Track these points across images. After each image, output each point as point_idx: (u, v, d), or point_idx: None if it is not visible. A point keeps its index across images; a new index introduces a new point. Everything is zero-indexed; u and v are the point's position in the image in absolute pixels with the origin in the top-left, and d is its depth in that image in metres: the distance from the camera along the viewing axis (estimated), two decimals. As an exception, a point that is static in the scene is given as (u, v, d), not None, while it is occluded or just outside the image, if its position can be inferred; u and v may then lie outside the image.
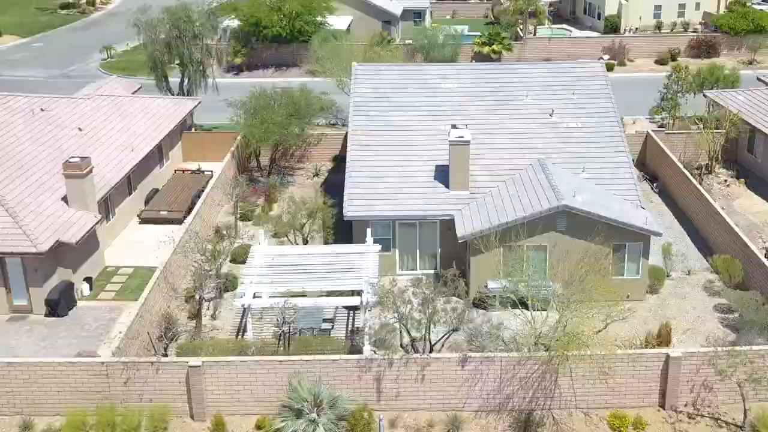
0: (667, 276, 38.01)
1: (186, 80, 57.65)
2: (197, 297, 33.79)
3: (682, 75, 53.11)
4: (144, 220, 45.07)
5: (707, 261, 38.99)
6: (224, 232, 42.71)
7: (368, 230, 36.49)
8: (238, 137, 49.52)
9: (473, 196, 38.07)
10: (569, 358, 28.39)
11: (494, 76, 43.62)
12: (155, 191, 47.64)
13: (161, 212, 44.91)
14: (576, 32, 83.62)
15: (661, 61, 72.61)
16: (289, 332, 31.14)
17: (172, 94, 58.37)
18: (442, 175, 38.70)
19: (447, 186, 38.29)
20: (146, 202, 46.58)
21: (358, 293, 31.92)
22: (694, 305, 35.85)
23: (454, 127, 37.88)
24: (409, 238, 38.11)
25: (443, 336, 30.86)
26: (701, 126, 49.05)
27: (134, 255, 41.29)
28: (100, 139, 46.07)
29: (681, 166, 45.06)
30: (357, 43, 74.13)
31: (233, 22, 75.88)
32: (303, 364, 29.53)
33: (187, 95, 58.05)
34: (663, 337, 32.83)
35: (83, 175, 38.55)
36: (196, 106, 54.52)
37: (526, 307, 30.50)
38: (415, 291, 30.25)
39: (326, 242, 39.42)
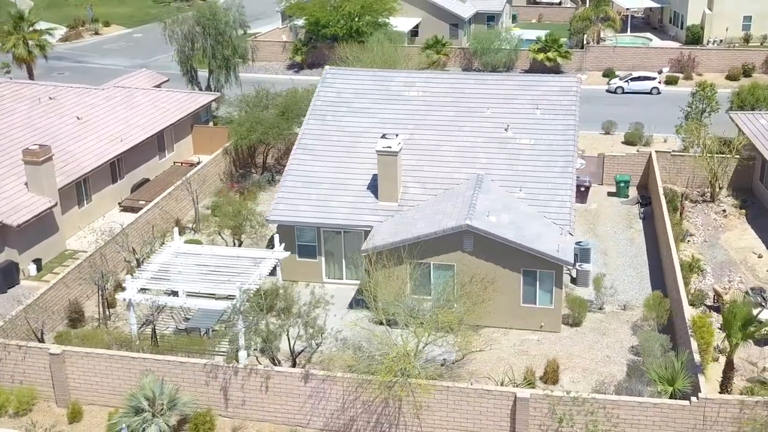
0: (600, 309, 35.32)
1: (211, 75, 59.23)
2: (98, 287, 34.77)
3: (707, 93, 48.80)
4: (125, 208, 46.85)
5: (652, 297, 35.87)
6: (189, 226, 43.77)
7: (276, 236, 36.26)
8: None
9: (401, 208, 36.95)
10: (411, 386, 27.05)
11: (462, 87, 41.94)
12: (145, 181, 49.39)
13: (140, 201, 46.49)
14: (656, 41, 78.71)
15: (732, 77, 67.00)
16: (154, 329, 31.55)
17: (200, 89, 60.22)
18: (377, 184, 37.75)
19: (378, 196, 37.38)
20: (132, 191, 48.42)
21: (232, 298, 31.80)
22: (610, 343, 33.08)
23: (383, 136, 36.82)
24: (335, 247, 37.48)
25: (301, 351, 30.13)
26: (699, 149, 44.95)
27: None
28: (95, 128, 48.32)
29: (661, 191, 41.57)
30: (409, 45, 73.86)
31: (299, 21, 77.24)
32: (153, 363, 29.85)
33: (214, 90, 59.69)
34: (548, 375, 30.58)
35: (39, 162, 40.63)
36: (212, 100, 56.01)
37: None
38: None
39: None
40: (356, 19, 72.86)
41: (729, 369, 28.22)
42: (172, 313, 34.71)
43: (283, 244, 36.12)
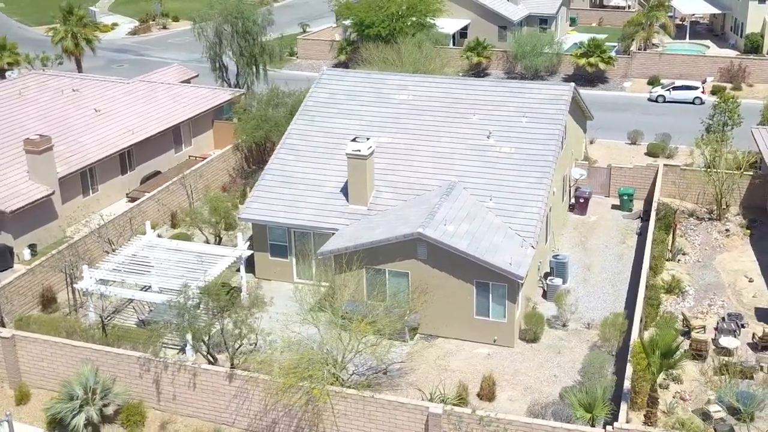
0: (563, 326, 34.10)
1: (239, 72, 60.22)
2: (66, 275, 35.84)
3: (728, 106, 46.32)
4: (132, 199, 48.11)
5: (625, 317, 34.37)
6: (186, 219, 44.58)
7: (239, 234, 36.53)
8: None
9: (369, 212, 36.64)
10: (308, 392, 26.90)
11: (452, 92, 41.20)
12: (156, 173, 50.59)
13: (145, 193, 47.65)
14: (714, 49, 75.23)
15: (784, 89, 63.56)
16: (102, 318, 32.39)
17: (229, 85, 61.22)
18: (350, 187, 37.58)
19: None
20: (142, 183, 49.70)
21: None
22: (562, 363, 31.86)
23: (354, 140, 36.57)
24: (306, 247, 37.44)
25: (235, 351, 30.23)
26: (702, 165, 42.76)
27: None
28: (111, 120, 49.83)
29: (654, 206, 39.78)
30: (452, 48, 73.10)
31: (348, 21, 77.51)
32: (93, 352, 30.60)
33: (242, 87, 60.56)
34: (484, 391, 29.73)
35: (39, 152, 42.21)
36: (234, 97, 56.77)
37: None
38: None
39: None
40: (400, 19, 72.46)
41: (651, 398, 26.72)
42: (133, 305, 35.49)
43: (247, 243, 36.42)
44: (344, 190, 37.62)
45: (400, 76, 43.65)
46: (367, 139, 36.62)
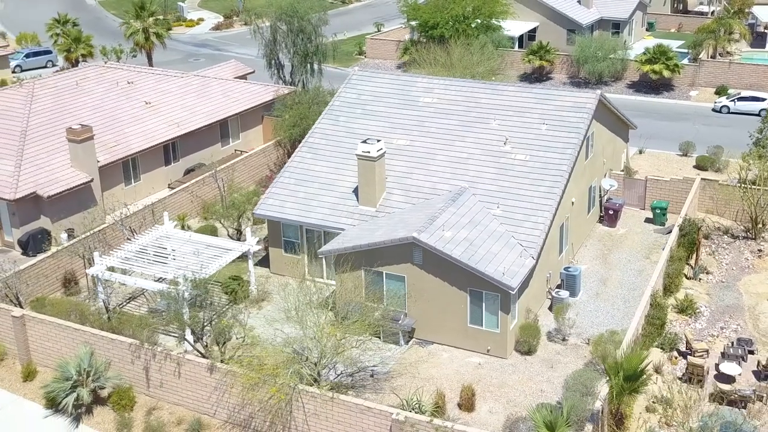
0: (562, 340, 33.35)
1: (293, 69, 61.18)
2: (83, 260, 37.39)
3: (777, 119, 44.17)
4: (172, 189, 49.70)
5: (628, 335, 33.30)
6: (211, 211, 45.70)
7: (248, 229, 37.21)
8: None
9: (377, 214, 36.73)
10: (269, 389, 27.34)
11: (476, 96, 40.73)
12: (199, 165, 52.01)
13: (184, 184, 49.13)
14: (794, 59, 71.55)
15: None
16: (106, 304, 33.72)
17: (284, 82, 62.24)
18: (363, 189, 37.76)
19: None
20: (186, 174, 51.24)
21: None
22: (553, 377, 31.17)
23: (364, 141, 36.69)
24: (317, 246, 37.88)
25: (224, 343, 30.91)
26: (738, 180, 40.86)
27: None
28: (159, 113, 51.53)
29: (678, 221, 38.29)
30: (516, 50, 72.20)
31: (414, 22, 77.53)
32: (91, 336, 31.88)
33: (296, 84, 61.49)
34: (463, 401, 29.42)
35: (79, 141, 44.08)
36: (287, 94, 57.67)
37: None
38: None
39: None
40: (464, 21, 71.97)
41: (618, 423, 25.84)
42: (146, 293, 36.70)
43: (256, 238, 37.12)
44: (356, 191, 37.81)
45: (428, 78, 43.46)
46: (378, 140, 36.70)
